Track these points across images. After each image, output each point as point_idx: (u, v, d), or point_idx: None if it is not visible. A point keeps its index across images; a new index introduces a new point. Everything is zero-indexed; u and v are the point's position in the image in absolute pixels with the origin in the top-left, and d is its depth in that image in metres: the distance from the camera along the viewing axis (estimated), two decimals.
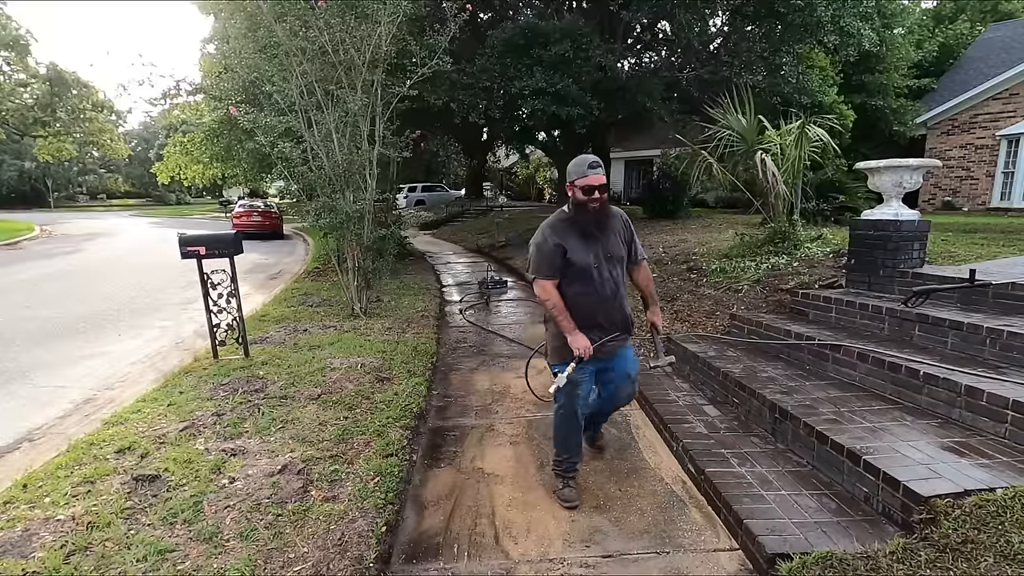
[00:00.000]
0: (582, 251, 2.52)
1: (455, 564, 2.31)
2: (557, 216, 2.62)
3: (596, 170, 2.43)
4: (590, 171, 2.43)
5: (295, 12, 5.77)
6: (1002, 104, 13.36)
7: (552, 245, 2.52)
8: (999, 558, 1.77)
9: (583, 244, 2.53)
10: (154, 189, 54.23)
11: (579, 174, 2.45)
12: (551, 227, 2.57)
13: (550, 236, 2.53)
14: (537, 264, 2.57)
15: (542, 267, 2.54)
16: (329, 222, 5.93)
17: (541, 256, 2.54)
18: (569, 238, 2.52)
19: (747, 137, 6.45)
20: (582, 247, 2.52)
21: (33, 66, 26.48)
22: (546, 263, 2.53)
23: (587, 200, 2.46)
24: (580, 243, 2.52)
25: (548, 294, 2.54)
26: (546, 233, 2.55)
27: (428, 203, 26.95)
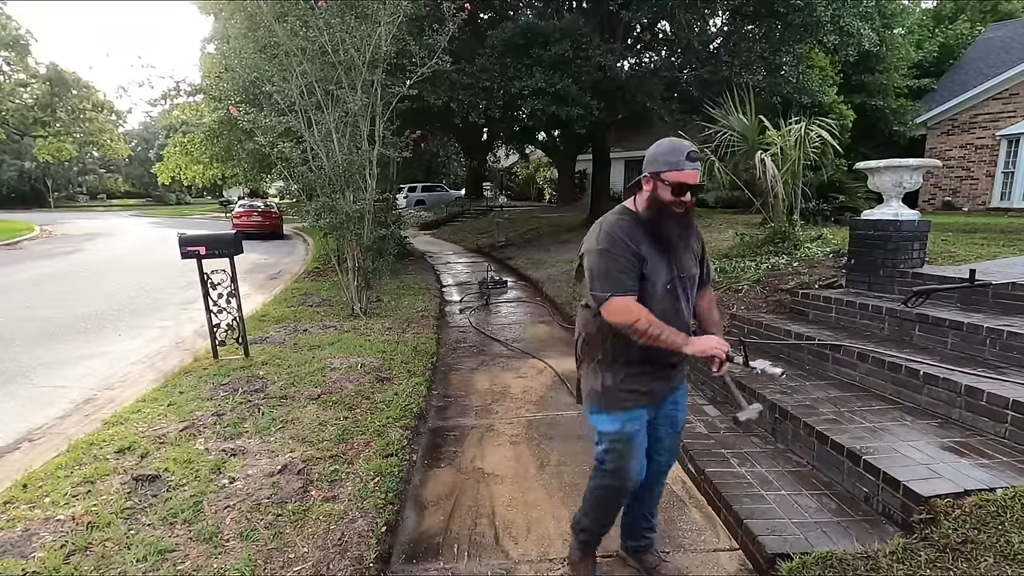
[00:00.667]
0: (658, 263, 1.86)
1: (455, 564, 2.31)
2: (619, 215, 1.92)
3: (695, 164, 1.78)
4: (688, 164, 1.76)
5: (295, 12, 5.78)
6: (1002, 104, 13.36)
7: (630, 251, 1.82)
8: (999, 558, 1.77)
9: (659, 256, 1.87)
10: (154, 189, 54.25)
11: (672, 165, 1.77)
12: (620, 228, 1.85)
13: (624, 239, 1.83)
14: (609, 276, 1.82)
15: (620, 279, 1.81)
16: (329, 222, 5.93)
17: (614, 264, 1.82)
18: (643, 245, 1.84)
19: (748, 137, 6.45)
20: (660, 259, 1.87)
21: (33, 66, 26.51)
22: (624, 273, 1.82)
23: (674, 201, 1.80)
24: (656, 253, 1.86)
25: (635, 313, 1.79)
26: (616, 234, 1.84)
27: (428, 203, 26.96)
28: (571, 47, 9.61)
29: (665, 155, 1.79)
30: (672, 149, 1.79)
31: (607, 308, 1.83)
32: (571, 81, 9.71)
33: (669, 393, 2.07)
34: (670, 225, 1.85)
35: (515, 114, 11.31)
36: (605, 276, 1.83)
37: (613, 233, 1.85)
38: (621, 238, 1.83)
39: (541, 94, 9.64)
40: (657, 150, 1.82)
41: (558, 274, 8.46)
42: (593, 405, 2.01)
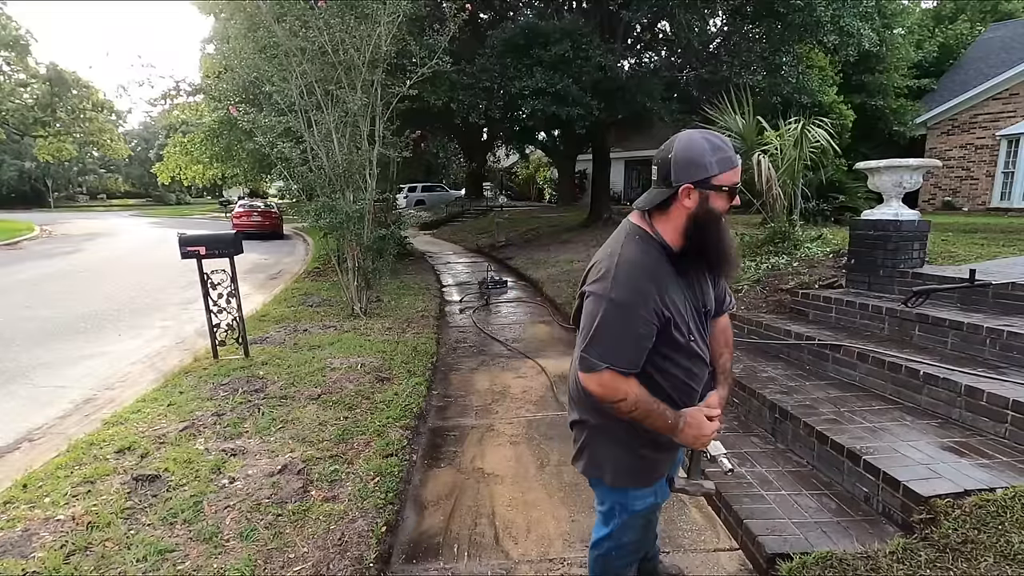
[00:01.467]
0: (686, 312, 1.44)
1: (455, 564, 2.31)
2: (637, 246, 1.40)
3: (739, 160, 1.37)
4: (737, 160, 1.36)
5: (295, 12, 5.78)
6: (1002, 104, 13.36)
7: (647, 314, 1.35)
8: (999, 558, 1.77)
9: (685, 298, 1.44)
10: (154, 189, 54.27)
11: (723, 163, 1.33)
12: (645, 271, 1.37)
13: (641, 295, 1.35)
14: (617, 344, 1.37)
15: (628, 351, 1.37)
16: (329, 222, 5.93)
17: (629, 329, 1.36)
18: (671, 292, 1.39)
19: (746, 138, 6.45)
20: (685, 304, 1.44)
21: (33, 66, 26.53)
22: (637, 343, 1.37)
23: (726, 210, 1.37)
24: (681, 297, 1.43)
25: (622, 391, 1.38)
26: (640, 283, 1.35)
27: (428, 203, 26.97)
28: (571, 47, 9.61)
29: (710, 154, 1.31)
30: (713, 145, 1.33)
31: (594, 378, 1.40)
32: (571, 81, 9.71)
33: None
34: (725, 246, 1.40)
35: (515, 114, 11.31)
36: (611, 341, 1.36)
37: (636, 280, 1.35)
38: (642, 284, 1.35)
39: (541, 94, 9.65)
40: (694, 151, 1.32)
41: (558, 274, 8.46)
42: (623, 479, 1.56)
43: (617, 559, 1.72)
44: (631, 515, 1.62)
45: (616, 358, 1.36)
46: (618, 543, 1.68)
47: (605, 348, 1.37)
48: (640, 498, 1.60)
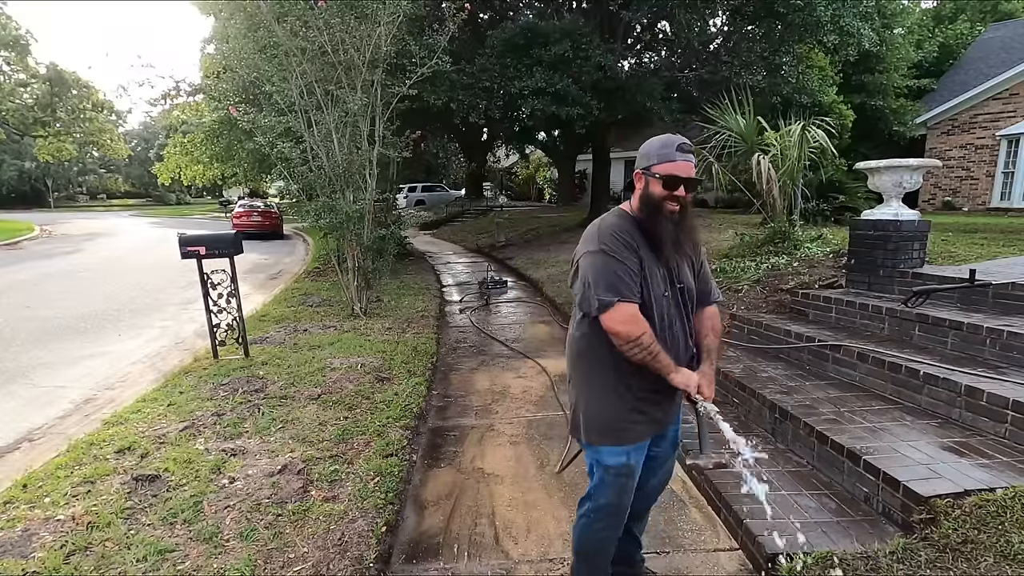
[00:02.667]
0: (656, 272, 1.69)
1: (455, 564, 2.31)
2: (616, 216, 1.74)
3: (687, 156, 1.62)
4: (679, 155, 1.61)
5: (295, 12, 5.78)
6: (1002, 104, 13.36)
7: (628, 254, 1.65)
8: (999, 558, 1.77)
9: (656, 263, 1.70)
10: (154, 189, 54.29)
11: (663, 156, 1.62)
12: (618, 229, 1.68)
13: (621, 240, 1.65)
14: (614, 279, 1.62)
15: (625, 283, 1.62)
16: (329, 222, 5.93)
17: (618, 266, 1.63)
18: (641, 250, 1.67)
19: (746, 138, 6.45)
20: (656, 266, 1.70)
21: (33, 66, 26.53)
22: (629, 276, 1.63)
23: (666, 197, 1.62)
24: (652, 260, 1.69)
25: (639, 325, 1.62)
26: (613, 235, 1.66)
27: (428, 203, 26.97)
28: (571, 47, 9.61)
29: (657, 147, 1.64)
30: (662, 142, 1.65)
31: (612, 316, 1.62)
32: (571, 81, 9.71)
33: (677, 414, 1.91)
34: (664, 226, 1.65)
35: (515, 114, 11.31)
36: (608, 279, 1.62)
37: (608, 232, 1.67)
38: (623, 238, 1.65)
39: (541, 94, 9.64)
40: (647, 146, 1.69)
41: (558, 274, 8.46)
42: (595, 435, 1.77)
43: (596, 522, 1.85)
44: (604, 470, 1.78)
45: (622, 290, 1.62)
46: (596, 504, 1.83)
47: (608, 285, 1.62)
48: (613, 454, 1.76)
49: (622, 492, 1.79)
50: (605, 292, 1.62)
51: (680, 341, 1.74)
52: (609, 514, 1.83)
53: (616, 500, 1.80)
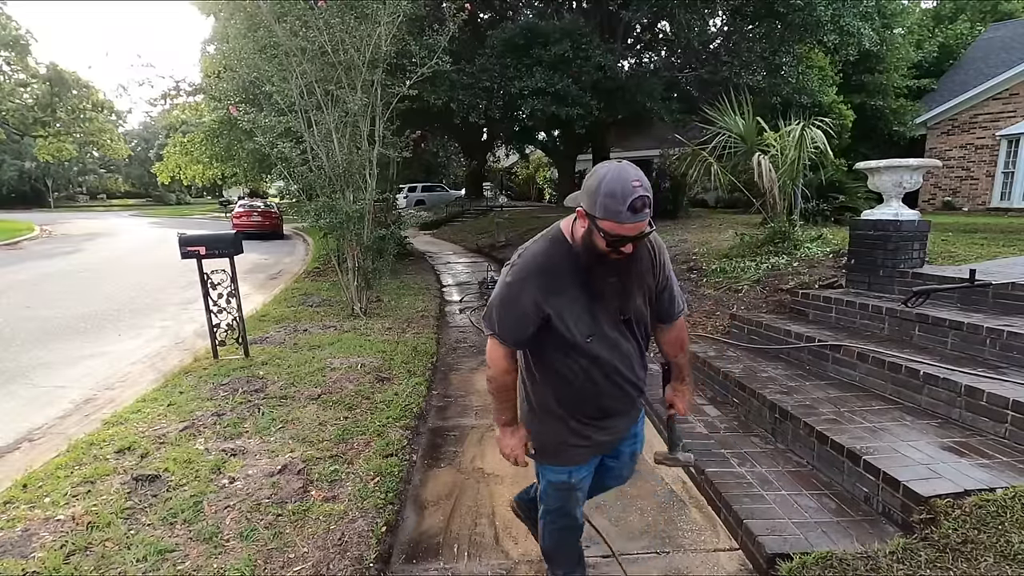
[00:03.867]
0: (581, 314, 1.53)
1: (455, 564, 2.31)
2: (548, 247, 1.56)
3: (639, 216, 1.33)
4: (629, 216, 1.32)
5: (295, 12, 5.78)
6: (1002, 104, 13.36)
7: (528, 302, 1.51)
8: (999, 558, 1.77)
9: (586, 304, 1.53)
10: (154, 189, 54.30)
11: (610, 213, 1.33)
12: (535, 271, 1.52)
13: (527, 286, 1.51)
14: (496, 315, 1.58)
15: (503, 324, 1.58)
16: (329, 222, 5.93)
17: (504, 310, 1.56)
18: (560, 294, 1.51)
19: (746, 138, 6.46)
20: (582, 308, 1.53)
21: (33, 66, 26.54)
22: (510, 322, 1.56)
23: (607, 253, 1.42)
24: (580, 303, 1.53)
25: (494, 364, 1.64)
26: (523, 277, 1.52)
27: (428, 203, 26.96)
28: (571, 47, 9.62)
29: (605, 196, 1.32)
30: (614, 192, 1.31)
31: (488, 342, 1.66)
32: (571, 81, 9.72)
33: (625, 434, 1.81)
34: (601, 274, 1.47)
35: (515, 114, 11.32)
36: (496, 314, 1.59)
37: (520, 271, 1.53)
38: (524, 282, 1.51)
39: (541, 94, 9.65)
40: (597, 184, 1.34)
41: None
42: (537, 453, 1.77)
43: (548, 523, 1.89)
44: (547, 483, 1.80)
45: (498, 328, 1.59)
46: (546, 506, 1.86)
47: (490, 318, 1.61)
48: (553, 472, 1.76)
49: (566, 501, 1.81)
50: (488, 322, 1.62)
51: (623, 369, 1.62)
52: (558, 517, 1.85)
53: (561, 506, 1.82)
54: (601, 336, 1.56)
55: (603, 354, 1.58)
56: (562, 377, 1.62)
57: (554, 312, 1.51)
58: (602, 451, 1.78)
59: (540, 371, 1.67)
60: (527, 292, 1.51)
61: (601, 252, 1.42)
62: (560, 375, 1.62)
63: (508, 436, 1.73)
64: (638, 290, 1.58)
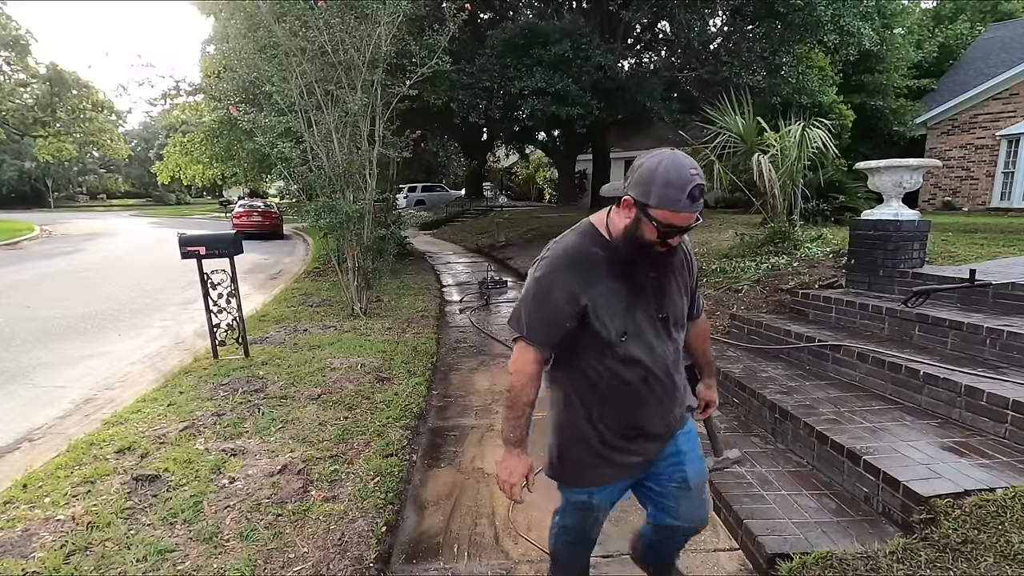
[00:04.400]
0: (616, 308, 1.41)
1: (455, 564, 2.31)
2: (581, 239, 1.46)
3: (695, 205, 1.28)
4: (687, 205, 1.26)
5: (294, 12, 5.78)
6: (1002, 104, 13.36)
7: (561, 296, 1.40)
8: (999, 558, 1.77)
9: (623, 298, 1.42)
10: (154, 189, 54.29)
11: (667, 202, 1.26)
12: (570, 260, 1.42)
13: (559, 278, 1.41)
14: (526, 315, 1.46)
15: (533, 324, 1.44)
16: (329, 222, 5.93)
17: (535, 308, 1.44)
18: (598, 286, 1.40)
19: (746, 138, 6.46)
20: (620, 303, 1.42)
21: (33, 66, 26.52)
22: (543, 321, 1.44)
23: (654, 243, 1.34)
24: (617, 296, 1.41)
25: (520, 371, 1.47)
26: (555, 269, 1.42)
27: (428, 203, 26.97)
28: (571, 47, 9.62)
29: (662, 184, 1.26)
30: (671, 180, 1.25)
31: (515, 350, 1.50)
32: (571, 81, 9.72)
33: (657, 455, 1.61)
34: (643, 267, 1.40)
35: (515, 114, 11.32)
36: (523, 311, 1.46)
37: (552, 263, 1.43)
38: (559, 274, 1.41)
39: (541, 94, 9.65)
40: (652, 172, 1.27)
41: None
42: (554, 472, 1.62)
43: (561, 535, 1.77)
44: (565, 502, 1.70)
45: (527, 329, 1.45)
46: (562, 523, 1.75)
47: (519, 319, 1.47)
48: (572, 492, 1.65)
49: (584, 522, 1.69)
50: (517, 323, 1.48)
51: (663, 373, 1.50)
52: (573, 535, 1.75)
53: (578, 526, 1.70)
54: (636, 334, 1.44)
55: (638, 354, 1.44)
56: (591, 383, 1.48)
57: (591, 303, 1.40)
58: (628, 473, 1.60)
59: (566, 377, 1.54)
60: (560, 284, 1.40)
61: (647, 243, 1.34)
62: (589, 380, 1.48)
63: (512, 458, 1.53)
64: (676, 287, 1.51)
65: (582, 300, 1.39)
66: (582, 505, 1.65)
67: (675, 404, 1.57)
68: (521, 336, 1.46)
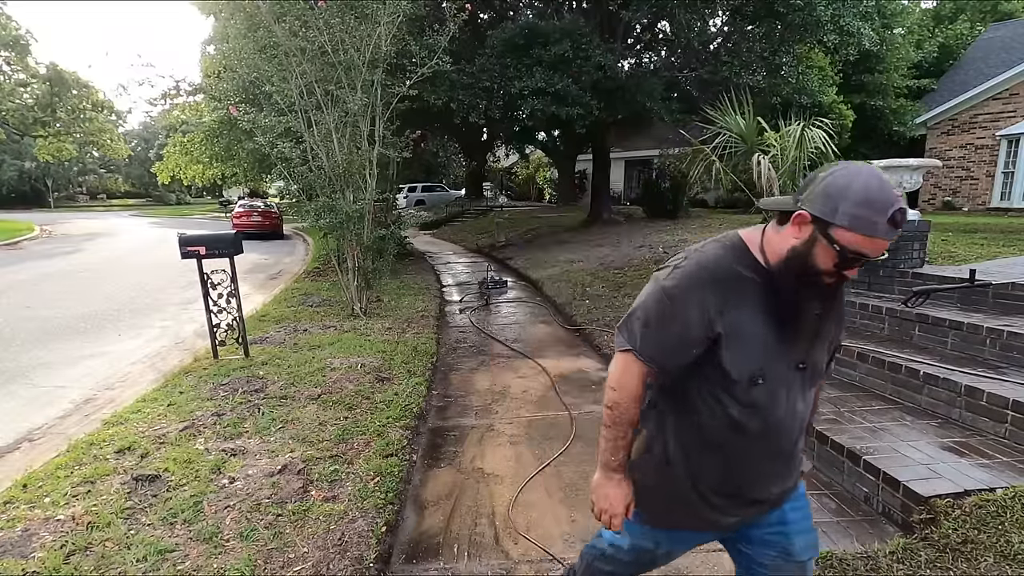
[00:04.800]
0: (755, 348, 1.17)
1: (455, 564, 2.31)
2: (728, 255, 1.20)
3: (893, 232, 1.03)
4: (886, 231, 1.02)
5: (294, 12, 5.78)
6: (1002, 104, 13.37)
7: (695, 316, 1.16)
8: (999, 558, 1.77)
9: (765, 335, 1.17)
10: (154, 189, 54.28)
11: (859, 223, 1.02)
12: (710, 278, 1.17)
13: (696, 294, 1.16)
14: (642, 326, 1.22)
15: (649, 339, 1.21)
16: (329, 222, 5.93)
17: (658, 322, 1.20)
18: (739, 314, 1.16)
19: (746, 138, 6.45)
20: (759, 340, 1.17)
21: (33, 66, 26.50)
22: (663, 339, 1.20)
23: (826, 272, 1.09)
24: (759, 331, 1.17)
25: (623, 388, 1.25)
26: (693, 282, 1.17)
27: (428, 203, 26.98)
28: (571, 47, 9.62)
29: (858, 203, 1.01)
30: (872, 198, 1.00)
31: (615, 361, 1.28)
32: (571, 81, 9.72)
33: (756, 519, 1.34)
34: (805, 302, 1.13)
35: (515, 114, 11.31)
36: (642, 322, 1.21)
37: (697, 278, 1.17)
38: (701, 296, 1.15)
39: (541, 94, 9.65)
40: (845, 186, 1.02)
41: (558, 274, 8.46)
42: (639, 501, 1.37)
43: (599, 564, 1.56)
44: (625, 534, 1.45)
45: (640, 342, 1.22)
46: (609, 551, 1.52)
47: (630, 330, 1.24)
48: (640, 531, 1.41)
49: (637, 560, 1.47)
50: (628, 333, 1.24)
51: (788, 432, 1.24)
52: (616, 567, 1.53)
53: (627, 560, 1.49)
54: (770, 380, 1.18)
55: (764, 403, 1.19)
56: (695, 422, 1.25)
57: (725, 333, 1.15)
58: (719, 531, 1.38)
59: (666, 404, 1.31)
60: (696, 303, 1.15)
61: (816, 272, 1.09)
62: (693, 418, 1.25)
63: (611, 486, 1.33)
64: (827, 333, 1.23)
65: (717, 327, 1.15)
66: (643, 551, 1.44)
67: (792, 470, 1.31)
68: (632, 349, 1.23)
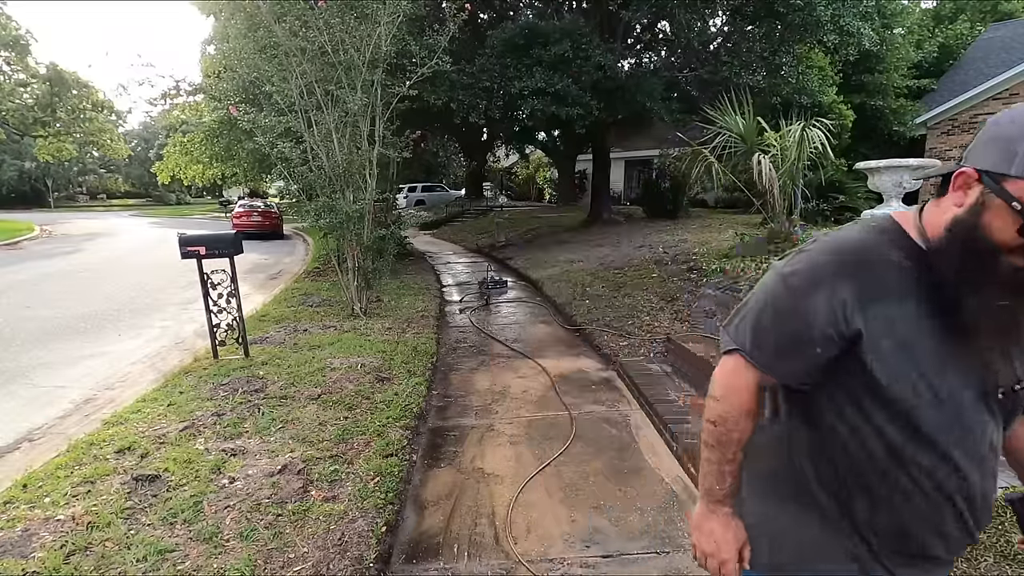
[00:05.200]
0: (917, 354, 0.85)
1: (455, 564, 2.31)
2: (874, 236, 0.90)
3: None
4: None
5: (295, 12, 5.78)
6: (1002, 104, 13.35)
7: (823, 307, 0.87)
8: (999, 558, 1.78)
9: (928, 339, 0.85)
10: (154, 189, 54.28)
11: None
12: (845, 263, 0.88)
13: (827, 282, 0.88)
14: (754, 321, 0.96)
15: (763, 337, 0.95)
16: (329, 222, 5.94)
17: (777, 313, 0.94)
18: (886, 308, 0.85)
19: (746, 138, 6.46)
20: (921, 345, 0.85)
21: (33, 66, 26.49)
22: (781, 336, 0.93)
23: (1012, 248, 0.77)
24: (919, 332, 0.85)
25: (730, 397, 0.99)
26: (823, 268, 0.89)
27: (428, 203, 26.98)
28: (571, 47, 9.62)
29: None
30: None
31: (719, 366, 1.02)
32: (571, 81, 9.72)
33: None
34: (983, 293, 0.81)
35: (515, 114, 11.32)
36: (755, 317, 0.96)
37: (828, 263, 0.89)
38: (833, 283, 0.87)
39: (541, 94, 9.66)
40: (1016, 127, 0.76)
41: (558, 274, 8.46)
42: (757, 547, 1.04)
43: None
44: None
45: (751, 341, 0.96)
46: None
47: (739, 327, 0.99)
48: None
49: None
50: (735, 331, 0.99)
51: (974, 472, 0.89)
52: None
53: None
54: (944, 401, 0.86)
55: (933, 430, 0.87)
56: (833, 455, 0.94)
57: (868, 332, 0.86)
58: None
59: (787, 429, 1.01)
60: (825, 289, 0.87)
61: (994, 249, 0.79)
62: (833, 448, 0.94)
63: (716, 523, 1.04)
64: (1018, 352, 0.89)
65: (855, 322, 0.86)
66: None
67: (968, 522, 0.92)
68: (741, 351, 0.97)
